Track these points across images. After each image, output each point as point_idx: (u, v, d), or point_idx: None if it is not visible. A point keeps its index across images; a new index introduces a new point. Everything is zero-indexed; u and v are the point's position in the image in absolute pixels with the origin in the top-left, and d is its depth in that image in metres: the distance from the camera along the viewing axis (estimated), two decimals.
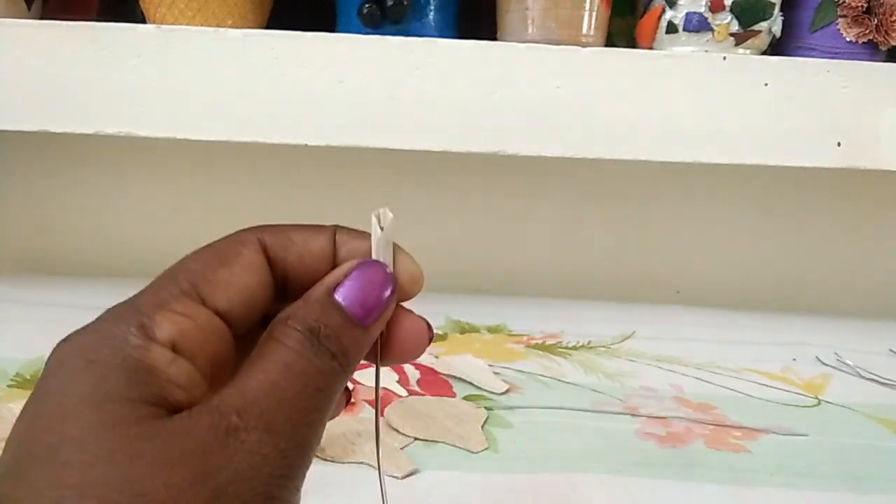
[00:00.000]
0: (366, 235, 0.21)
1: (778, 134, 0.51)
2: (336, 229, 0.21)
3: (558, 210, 0.70)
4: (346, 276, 0.20)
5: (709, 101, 0.51)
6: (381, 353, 0.21)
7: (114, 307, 0.19)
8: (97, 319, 0.18)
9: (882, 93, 0.51)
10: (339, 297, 0.19)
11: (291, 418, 0.17)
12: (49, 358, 0.17)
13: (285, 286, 0.21)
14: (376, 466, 0.23)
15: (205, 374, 0.18)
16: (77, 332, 0.18)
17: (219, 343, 0.19)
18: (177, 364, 0.17)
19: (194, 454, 0.16)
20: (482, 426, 0.43)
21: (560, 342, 0.57)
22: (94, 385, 0.16)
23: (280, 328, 0.19)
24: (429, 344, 0.22)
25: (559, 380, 0.50)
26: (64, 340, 0.18)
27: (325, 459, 0.40)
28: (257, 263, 0.20)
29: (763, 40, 0.52)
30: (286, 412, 0.17)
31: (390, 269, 0.21)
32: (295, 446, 0.17)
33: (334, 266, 0.21)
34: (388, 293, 0.20)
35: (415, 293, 0.22)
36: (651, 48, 0.53)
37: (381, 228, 0.21)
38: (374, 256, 0.21)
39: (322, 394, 0.18)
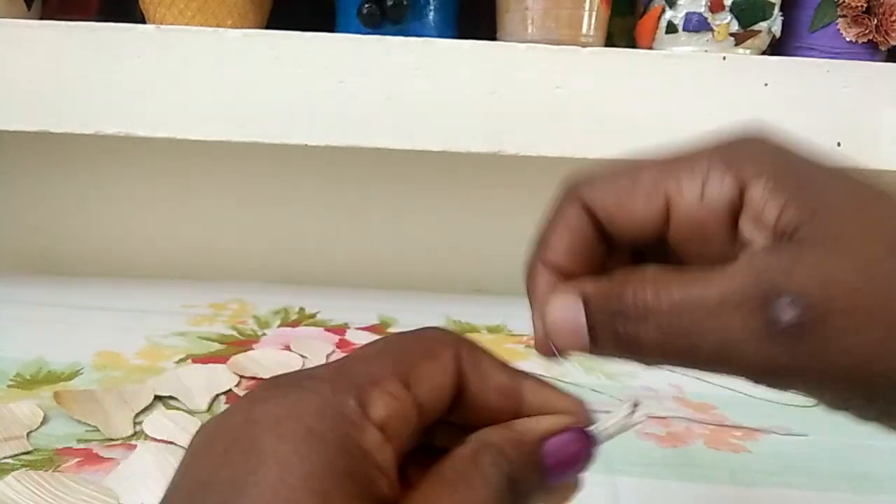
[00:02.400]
0: (553, 388, 0.21)
1: (778, 134, 0.51)
2: (524, 376, 0.20)
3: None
4: (562, 431, 0.19)
5: (708, 101, 0.51)
6: None
7: (322, 368, 0.18)
8: (302, 376, 0.17)
9: (882, 93, 0.51)
10: (547, 451, 0.19)
11: None
12: (250, 404, 0.16)
13: (456, 413, 0.20)
14: None
15: (397, 461, 0.17)
16: (287, 387, 0.17)
17: (410, 434, 0.18)
18: (385, 451, 0.16)
19: None
20: None
21: None
22: (316, 465, 0.15)
23: (485, 456, 0.18)
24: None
25: (559, 380, 0.50)
26: (270, 388, 0.17)
27: None
28: (451, 369, 0.19)
29: (763, 40, 0.52)
30: None
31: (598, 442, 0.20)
32: None
33: (511, 403, 0.20)
34: (584, 466, 0.20)
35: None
36: (651, 48, 0.53)
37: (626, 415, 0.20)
38: (601, 428, 0.20)
39: None
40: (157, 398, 0.43)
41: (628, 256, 0.22)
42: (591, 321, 0.19)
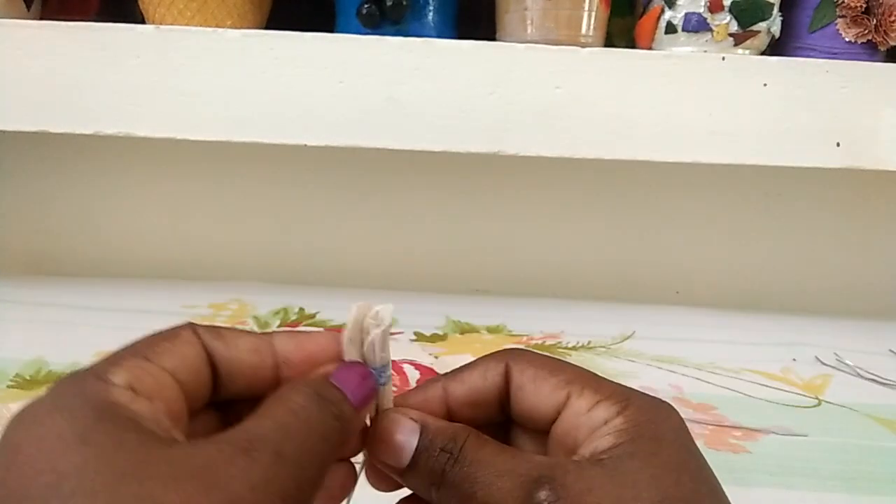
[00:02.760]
0: (304, 334, 0.23)
1: (777, 134, 0.51)
2: (273, 335, 0.23)
3: (558, 210, 0.70)
4: (335, 369, 0.22)
5: (708, 101, 0.51)
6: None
7: (67, 376, 0.19)
8: (65, 377, 0.19)
9: (881, 93, 0.51)
10: (337, 380, 0.21)
11: (299, 452, 0.18)
12: (5, 431, 0.17)
13: (228, 380, 0.22)
14: None
15: (168, 416, 0.19)
16: (27, 404, 0.18)
17: (175, 395, 0.20)
18: (138, 402, 0.18)
19: (205, 469, 0.16)
20: None
21: (560, 342, 0.57)
22: (67, 426, 0.16)
23: (288, 388, 0.20)
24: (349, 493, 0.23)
25: None
26: (16, 414, 0.18)
27: None
28: (193, 341, 0.21)
29: (762, 40, 0.52)
30: (294, 446, 0.18)
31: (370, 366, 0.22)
32: (303, 474, 0.18)
33: (273, 364, 0.22)
34: (372, 385, 0.22)
35: None
36: (650, 48, 0.53)
37: (371, 328, 0.22)
38: (350, 355, 0.22)
39: (325, 441, 0.19)
40: None
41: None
42: (418, 450, 0.22)
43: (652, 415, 0.22)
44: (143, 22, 0.52)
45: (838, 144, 0.51)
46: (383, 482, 0.24)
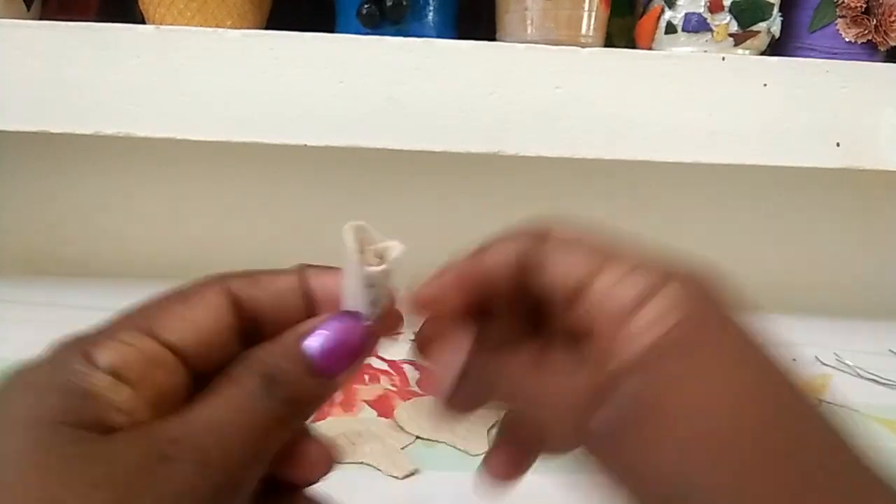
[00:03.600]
0: (333, 271, 0.21)
1: (777, 134, 0.51)
2: (302, 269, 0.22)
3: (558, 210, 0.69)
4: (320, 324, 0.20)
5: (708, 101, 0.51)
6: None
7: (67, 338, 0.19)
8: (54, 348, 0.19)
9: (881, 93, 0.51)
10: (307, 345, 0.20)
11: (228, 454, 0.18)
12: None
13: (260, 329, 0.21)
14: (376, 466, 0.23)
15: (149, 402, 0.18)
16: (29, 360, 0.19)
17: (168, 374, 0.19)
18: (117, 389, 0.18)
19: (120, 477, 0.16)
20: (488, 430, 0.43)
21: None
22: (29, 408, 0.17)
23: (238, 369, 0.19)
24: (328, 471, 0.22)
25: None
26: (17, 368, 0.18)
27: None
28: (217, 303, 0.20)
29: (762, 41, 0.52)
30: (223, 448, 0.17)
31: (367, 316, 0.21)
32: (227, 481, 0.17)
33: (307, 305, 0.21)
34: (359, 345, 0.20)
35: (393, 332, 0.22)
36: (650, 48, 0.53)
37: (370, 264, 0.21)
38: (348, 299, 0.21)
39: (265, 436, 0.18)
40: None
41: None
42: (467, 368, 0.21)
43: (700, 293, 0.20)
44: (143, 22, 0.52)
45: (838, 144, 0.51)
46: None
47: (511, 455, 0.23)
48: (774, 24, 0.52)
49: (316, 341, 0.20)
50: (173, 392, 0.19)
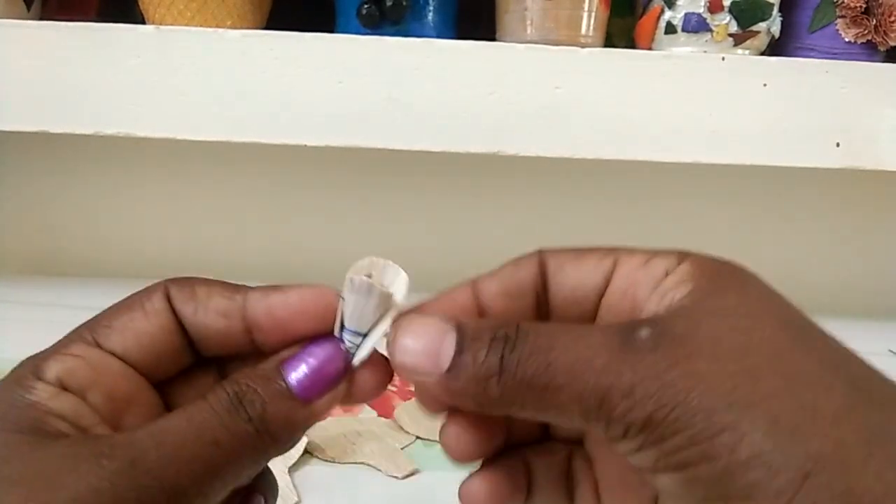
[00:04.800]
0: (279, 289, 0.21)
1: (777, 134, 0.51)
2: (247, 289, 0.21)
3: (557, 210, 0.70)
4: (302, 349, 0.20)
5: (708, 101, 0.51)
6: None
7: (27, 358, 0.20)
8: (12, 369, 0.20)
9: (881, 93, 0.51)
10: (285, 368, 0.20)
11: (168, 461, 0.17)
12: None
13: (200, 347, 0.21)
14: (376, 466, 0.23)
15: (100, 408, 0.19)
16: None
17: (119, 382, 0.20)
18: (59, 398, 0.19)
19: (41, 475, 0.16)
20: None
21: None
22: None
23: (214, 388, 0.19)
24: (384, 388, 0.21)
25: None
26: None
27: (325, 459, 0.40)
28: (158, 309, 0.21)
29: (762, 41, 0.52)
30: (165, 453, 0.17)
31: (355, 347, 0.20)
32: (161, 488, 0.17)
33: (247, 321, 0.21)
34: (339, 372, 0.20)
35: (372, 396, 0.21)
36: (650, 49, 0.53)
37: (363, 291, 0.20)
38: (339, 326, 0.20)
39: (219, 448, 0.18)
40: None
41: None
42: (462, 346, 0.18)
43: (715, 261, 0.19)
44: (143, 22, 0.52)
45: (838, 144, 0.51)
46: (434, 402, 0.22)
47: (472, 426, 0.22)
48: (774, 25, 0.52)
49: (294, 364, 0.20)
50: (130, 399, 0.20)
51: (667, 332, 0.17)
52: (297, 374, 0.20)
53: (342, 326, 0.20)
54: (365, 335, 0.20)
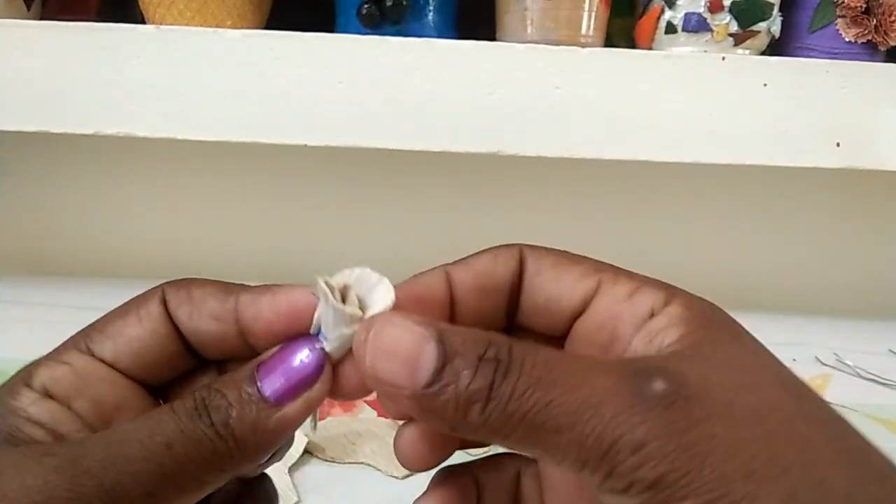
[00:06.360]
0: (269, 291, 0.21)
1: (777, 134, 0.51)
2: (240, 290, 0.21)
3: (557, 210, 0.70)
4: (275, 352, 0.20)
5: (708, 101, 0.51)
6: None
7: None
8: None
9: (881, 93, 0.51)
10: (261, 373, 0.19)
11: (112, 461, 0.17)
12: None
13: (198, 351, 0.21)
14: (376, 466, 0.23)
15: (83, 415, 0.19)
16: None
17: (108, 389, 0.20)
18: (40, 405, 0.19)
19: None
20: None
21: None
22: None
23: (187, 393, 0.19)
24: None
25: None
26: None
27: (325, 459, 0.40)
28: (153, 314, 0.20)
29: (762, 41, 0.52)
30: (109, 453, 0.17)
31: (330, 344, 0.19)
32: (100, 486, 0.17)
33: (239, 324, 0.20)
34: (311, 375, 0.19)
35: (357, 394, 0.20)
36: (650, 48, 0.53)
37: (341, 298, 0.20)
38: (316, 326, 0.20)
39: (171, 451, 0.17)
40: None
41: None
42: (443, 361, 0.16)
43: (703, 304, 0.19)
44: (143, 22, 0.52)
45: (838, 144, 0.51)
46: (397, 409, 0.21)
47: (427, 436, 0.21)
48: (774, 24, 0.52)
49: (270, 367, 0.19)
50: (119, 406, 0.20)
51: (682, 389, 0.16)
52: (270, 377, 0.19)
53: (319, 327, 0.20)
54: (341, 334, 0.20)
